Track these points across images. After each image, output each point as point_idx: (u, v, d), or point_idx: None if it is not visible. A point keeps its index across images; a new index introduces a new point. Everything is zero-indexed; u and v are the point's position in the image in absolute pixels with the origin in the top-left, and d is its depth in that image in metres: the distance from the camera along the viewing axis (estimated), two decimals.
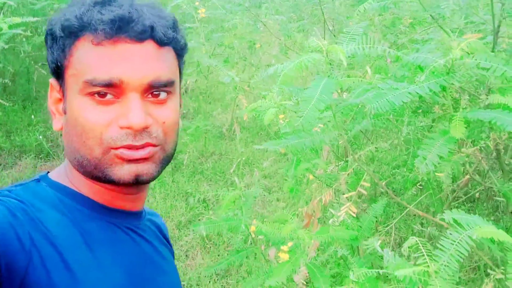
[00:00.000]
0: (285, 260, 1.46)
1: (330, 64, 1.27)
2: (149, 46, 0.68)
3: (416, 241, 0.92)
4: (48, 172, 0.77)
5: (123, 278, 0.71)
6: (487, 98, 1.26)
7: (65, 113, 0.72)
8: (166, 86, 0.69)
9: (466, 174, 1.55)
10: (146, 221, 0.82)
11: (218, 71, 2.93)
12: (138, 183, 0.71)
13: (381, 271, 0.92)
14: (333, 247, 1.55)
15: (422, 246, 0.90)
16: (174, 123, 0.72)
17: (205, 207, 3.58)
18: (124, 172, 0.68)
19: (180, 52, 0.73)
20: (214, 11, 3.03)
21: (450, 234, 0.88)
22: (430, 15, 1.39)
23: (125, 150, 0.67)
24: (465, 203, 2.23)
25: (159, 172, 0.72)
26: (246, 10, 3.13)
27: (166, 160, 0.73)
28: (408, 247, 0.93)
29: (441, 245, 0.89)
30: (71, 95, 0.69)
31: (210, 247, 3.19)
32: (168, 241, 0.88)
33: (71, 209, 0.71)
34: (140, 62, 0.67)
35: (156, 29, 0.68)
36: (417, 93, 1.08)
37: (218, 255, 3.06)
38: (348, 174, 1.36)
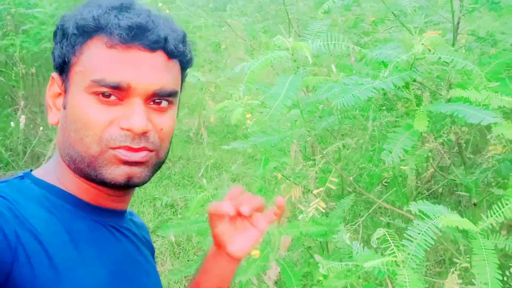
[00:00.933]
0: (255, 257, 1.45)
1: (296, 61, 1.28)
2: (159, 56, 0.71)
3: (384, 232, 0.93)
4: (31, 170, 0.77)
5: (107, 276, 0.72)
6: (448, 93, 1.30)
7: (64, 108, 0.73)
8: (169, 96, 0.72)
9: (430, 168, 1.58)
10: (128, 221, 0.83)
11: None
12: (128, 186, 0.72)
13: (350, 263, 0.92)
14: (303, 245, 1.56)
15: (390, 237, 0.91)
16: (170, 131, 0.75)
17: (173, 212, 3.54)
18: (118, 172, 0.69)
19: (185, 65, 0.77)
20: (179, 12, 3.01)
21: (417, 224, 0.90)
22: (392, 13, 1.42)
23: (124, 151, 0.69)
24: (428, 198, 2.29)
25: (150, 177, 0.74)
26: (210, 11, 3.12)
27: (158, 166, 0.75)
28: (377, 239, 0.95)
29: (408, 235, 0.90)
30: (74, 91, 0.70)
31: (180, 252, 3.15)
32: (147, 241, 0.89)
33: (57, 207, 0.71)
34: (149, 70, 0.69)
35: (169, 41, 0.70)
36: (382, 88, 1.10)
37: (188, 260, 3.02)
38: (316, 172, 1.37)
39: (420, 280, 0.84)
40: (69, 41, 0.71)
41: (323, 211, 1.45)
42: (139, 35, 0.68)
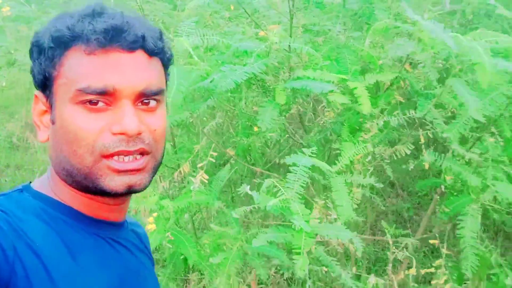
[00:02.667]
0: (152, 229, 1.63)
1: (176, 54, 1.50)
2: (140, 55, 0.70)
3: (272, 181, 1.23)
4: (31, 182, 0.76)
5: None
6: (290, 74, 1.66)
7: (53, 123, 0.71)
8: (156, 94, 0.71)
9: (286, 134, 1.97)
10: (129, 231, 0.83)
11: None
12: (130, 193, 0.72)
13: (251, 206, 1.20)
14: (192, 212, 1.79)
15: (277, 183, 1.22)
16: (163, 131, 0.74)
17: None
18: (116, 183, 0.68)
19: (166, 62, 0.76)
20: (22, 8, 2.83)
21: (293, 169, 1.22)
22: (243, 9, 1.72)
23: (116, 161, 0.68)
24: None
25: (150, 181, 0.73)
26: (60, 7, 3.01)
27: (156, 168, 0.74)
28: (266, 187, 1.25)
29: (289, 179, 1.22)
30: (60, 104, 0.69)
31: None
32: (149, 251, 0.90)
33: (56, 220, 0.70)
34: (132, 71, 0.68)
35: (147, 39, 0.70)
36: (252, 72, 1.39)
37: None
38: (200, 147, 1.61)
39: (304, 208, 1.16)
40: (47, 55, 0.69)
41: (206, 181, 1.71)
42: (116, 37, 0.67)
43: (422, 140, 1.62)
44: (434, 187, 2.02)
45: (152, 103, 0.71)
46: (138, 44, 0.69)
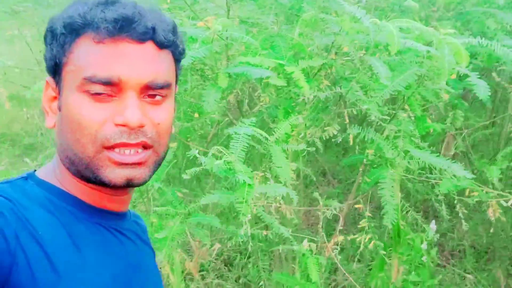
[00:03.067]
0: None
1: None
2: (149, 47, 0.69)
3: (217, 148, 1.37)
4: (35, 170, 0.75)
5: (109, 279, 0.71)
6: (228, 62, 1.82)
7: (59, 110, 0.71)
8: (162, 88, 0.70)
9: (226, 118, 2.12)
10: (132, 222, 0.83)
11: None
12: (129, 186, 0.71)
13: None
14: None
15: (222, 149, 1.36)
16: (168, 125, 0.72)
17: None
18: (115, 175, 0.68)
19: (178, 56, 0.74)
20: None
21: (235, 137, 1.37)
22: (184, 0, 1.86)
23: (117, 153, 0.67)
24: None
25: (151, 176, 0.72)
26: None
27: (158, 164, 0.73)
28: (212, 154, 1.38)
29: (232, 145, 1.36)
30: (67, 91, 0.69)
31: None
32: (149, 242, 0.89)
33: (59, 209, 0.70)
34: (140, 62, 0.67)
35: (157, 31, 0.68)
36: (197, 56, 1.53)
37: None
38: None
39: (247, 169, 1.31)
40: (58, 41, 0.69)
41: None
42: (126, 27, 0.66)
43: (347, 120, 1.84)
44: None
45: (158, 96, 0.70)
46: (148, 35, 0.68)
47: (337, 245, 1.95)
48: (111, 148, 0.67)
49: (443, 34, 1.44)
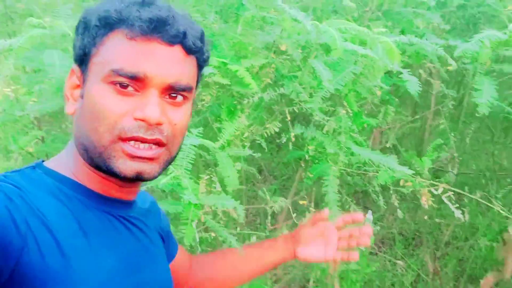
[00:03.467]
0: None
1: (54, 37, 1.50)
2: (177, 51, 0.72)
3: None
4: (43, 161, 0.76)
5: (117, 266, 0.73)
6: None
7: (81, 98, 0.73)
8: (184, 90, 0.73)
9: None
10: (140, 209, 0.85)
11: None
12: (137, 180, 0.73)
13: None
14: None
15: None
16: (184, 127, 0.75)
17: None
18: (126, 167, 0.70)
19: (202, 63, 0.78)
20: None
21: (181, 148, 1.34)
22: None
23: (131, 146, 0.70)
24: None
25: (160, 173, 0.75)
26: None
27: (169, 162, 0.76)
28: None
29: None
30: (92, 81, 0.71)
31: None
32: (159, 226, 0.91)
33: (68, 196, 0.71)
34: (167, 62, 0.70)
35: (187, 36, 0.72)
36: None
37: None
38: None
39: (193, 183, 1.29)
40: (91, 33, 0.71)
41: None
42: (159, 28, 0.69)
43: (289, 118, 1.87)
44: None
45: (179, 98, 0.73)
46: (178, 39, 0.71)
47: None
48: (126, 140, 0.69)
49: (376, 33, 1.51)
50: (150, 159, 0.71)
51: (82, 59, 0.74)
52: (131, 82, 0.69)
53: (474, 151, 3.25)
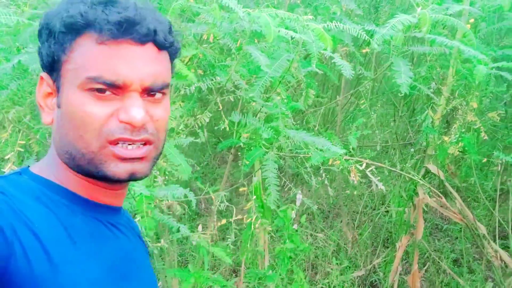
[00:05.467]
0: None
1: None
2: (150, 49, 0.70)
3: None
4: (29, 166, 0.74)
5: (104, 273, 0.72)
6: None
7: (58, 107, 0.71)
8: (162, 88, 0.72)
9: None
10: (125, 217, 0.83)
11: None
12: (130, 180, 0.73)
13: None
14: None
15: None
16: (166, 121, 0.75)
17: None
18: (119, 169, 0.69)
19: (174, 56, 0.77)
20: None
21: None
22: None
23: (121, 148, 0.69)
24: None
25: (151, 170, 0.74)
26: None
27: (157, 158, 0.75)
28: None
29: None
30: (68, 89, 0.69)
31: None
32: (140, 236, 0.89)
33: (54, 202, 0.70)
34: (142, 64, 0.69)
35: (158, 33, 0.70)
36: None
37: None
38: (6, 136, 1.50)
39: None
40: (57, 39, 0.69)
41: None
42: (129, 30, 0.68)
43: (221, 107, 1.88)
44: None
45: (158, 95, 0.72)
46: (150, 37, 0.70)
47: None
48: (114, 142, 0.69)
49: (305, 21, 1.57)
50: (141, 158, 0.71)
51: (52, 66, 0.71)
52: (109, 88, 0.68)
53: (382, 126, 3.52)
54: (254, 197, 2.10)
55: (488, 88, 2.22)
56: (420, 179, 2.32)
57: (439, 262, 3.61)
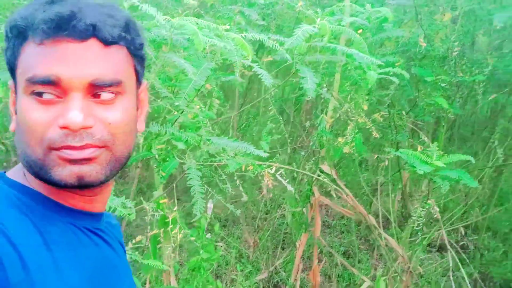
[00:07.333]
0: None
1: None
2: (93, 45, 0.66)
3: None
4: (5, 171, 0.73)
5: (82, 281, 0.69)
6: None
7: (15, 114, 0.70)
8: (110, 86, 0.67)
9: None
10: (106, 223, 0.80)
11: None
12: (81, 186, 0.68)
13: None
14: None
15: None
16: (123, 124, 0.69)
17: None
18: (65, 173, 0.66)
19: (134, 51, 0.72)
20: None
21: None
22: None
23: (67, 149, 0.65)
24: None
25: (107, 175, 0.69)
26: None
27: (116, 163, 0.70)
28: None
29: None
30: (19, 95, 0.68)
31: None
32: (121, 243, 0.87)
33: (31, 209, 0.68)
34: (81, 61, 0.65)
35: (99, 27, 0.66)
36: None
37: None
38: None
39: None
40: (10, 45, 0.68)
41: None
42: (63, 26, 0.64)
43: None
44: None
45: (107, 95, 0.67)
46: (89, 32, 0.65)
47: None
48: (58, 149, 0.66)
49: (224, 30, 1.61)
50: (89, 159, 0.66)
51: (12, 73, 0.71)
52: (47, 88, 0.65)
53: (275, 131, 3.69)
54: (160, 212, 2.04)
55: (372, 93, 2.48)
56: (324, 178, 2.49)
57: (332, 256, 3.88)
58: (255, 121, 3.04)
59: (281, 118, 3.10)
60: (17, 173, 0.73)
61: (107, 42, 0.67)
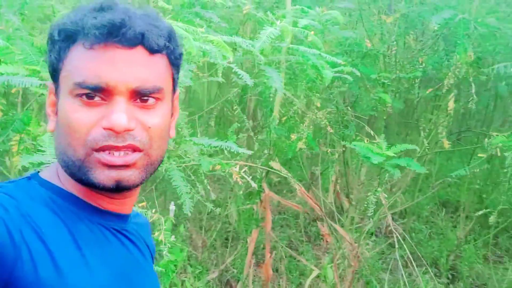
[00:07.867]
0: None
1: None
2: (139, 52, 0.69)
3: None
4: (39, 171, 0.75)
5: (109, 279, 0.71)
6: None
7: (56, 114, 0.72)
8: (153, 92, 0.70)
9: None
10: (133, 224, 0.82)
11: None
12: (119, 189, 0.70)
13: None
14: None
15: None
16: (161, 129, 0.72)
17: None
18: (104, 177, 0.68)
19: (174, 61, 0.75)
20: None
21: None
22: None
23: (106, 155, 0.67)
24: None
25: (143, 179, 0.71)
26: None
27: (151, 167, 0.72)
28: None
29: None
30: (62, 96, 0.70)
31: None
32: (148, 243, 0.87)
33: (62, 208, 0.70)
34: (128, 67, 0.68)
35: (147, 36, 0.69)
36: None
37: None
38: None
39: None
40: (55, 48, 0.70)
41: None
42: (114, 33, 0.67)
43: None
44: None
45: (151, 100, 0.70)
46: (137, 41, 0.69)
47: None
48: (100, 150, 0.68)
49: (201, 33, 1.65)
50: (127, 165, 0.69)
51: (53, 75, 0.73)
52: (96, 92, 0.68)
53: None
54: None
55: (324, 91, 2.63)
56: (283, 173, 2.59)
57: (277, 250, 4.01)
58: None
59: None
60: (51, 173, 0.75)
61: (152, 51, 0.71)
